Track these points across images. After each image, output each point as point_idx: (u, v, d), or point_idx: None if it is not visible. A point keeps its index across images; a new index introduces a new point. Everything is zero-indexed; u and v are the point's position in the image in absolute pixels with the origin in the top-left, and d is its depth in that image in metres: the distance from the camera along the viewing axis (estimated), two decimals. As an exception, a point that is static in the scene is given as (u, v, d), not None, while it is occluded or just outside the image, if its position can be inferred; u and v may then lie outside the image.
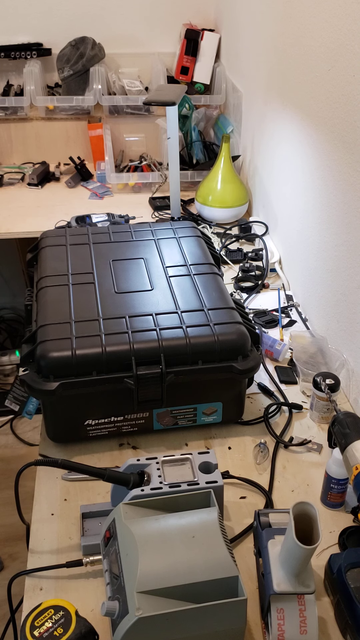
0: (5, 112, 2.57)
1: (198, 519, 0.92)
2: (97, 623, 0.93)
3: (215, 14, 2.68)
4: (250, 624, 0.97)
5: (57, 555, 1.08)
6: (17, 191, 2.48)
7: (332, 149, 1.44)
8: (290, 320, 1.68)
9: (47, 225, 2.15)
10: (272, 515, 1.02)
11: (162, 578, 0.84)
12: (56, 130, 2.64)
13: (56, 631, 0.86)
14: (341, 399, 1.42)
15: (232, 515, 1.15)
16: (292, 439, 1.31)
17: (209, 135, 2.69)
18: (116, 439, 1.31)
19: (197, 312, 1.30)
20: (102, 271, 1.42)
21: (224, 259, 1.95)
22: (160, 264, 1.47)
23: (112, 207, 2.31)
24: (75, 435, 1.26)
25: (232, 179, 2.15)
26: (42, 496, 1.19)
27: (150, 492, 1.00)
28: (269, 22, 1.89)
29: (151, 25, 2.68)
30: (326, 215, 1.51)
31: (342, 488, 1.13)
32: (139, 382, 1.20)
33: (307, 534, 0.86)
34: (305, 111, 1.61)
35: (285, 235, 1.88)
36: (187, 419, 1.30)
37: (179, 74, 2.63)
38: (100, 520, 1.11)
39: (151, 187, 2.45)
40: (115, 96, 2.58)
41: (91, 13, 2.61)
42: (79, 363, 1.18)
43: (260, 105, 2.06)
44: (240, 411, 1.33)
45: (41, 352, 1.20)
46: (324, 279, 1.55)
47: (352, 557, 0.97)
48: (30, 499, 1.19)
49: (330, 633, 0.97)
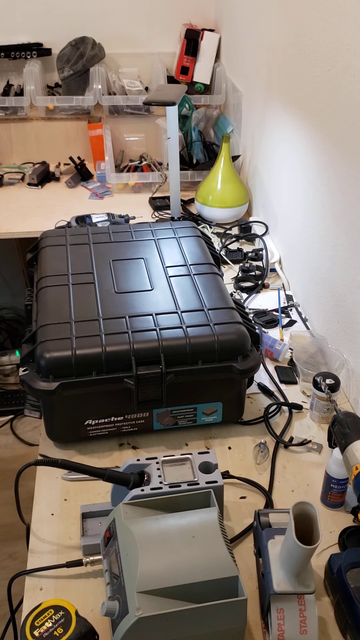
0: (5, 112, 2.57)
1: (198, 519, 0.92)
2: (97, 623, 0.93)
3: (215, 14, 2.68)
4: (250, 624, 0.97)
5: (57, 555, 1.08)
6: (17, 191, 2.48)
7: (332, 149, 1.44)
8: (290, 320, 1.68)
9: (47, 225, 2.15)
10: (272, 515, 1.02)
11: (162, 578, 0.84)
12: (56, 130, 2.64)
13: (56, 631, 0.86)
14: (341, 399, 1.42)
15: (232, 515, 1.15)
16: (292, 439, 1.31)
17: (209, 135, 2.69)
18: (116, 439, 1.31)
19: (197, 312, 1.30)
20: (102, 271, 1.42)
21: (224, 259, 1.95)
22: (160, 264, 1.47)
23: (112, 207, 2.31)
24: (75, 435, 1.26)
25: (232, 179, 2.15)
26: (42, 496, 1.19)
27: (150, 492, 1.00)
28: (269, 22, 1.89)
29: (151, 25, 2.68)
30: (326, 215, 1.51)
31: (342, 488, 1.13)
32: (139, 382, 1.20)
33: (307, 534, 0.86)
34: (305, 111, 1.61)
35: (285, 235, 1.88)
36: (187, 419, 1.30)
37: (179, 74, 2.63)
38: (100, 520, 1.11)
39: (151, 187, 2.45)
40: (115, 96, 2.58)
41: (91, 13, 2.62)
42: (79, 363, 1.18)
43: (260, 105, 2.06)
44: (240, 411, 1.33)
45: (41, 352, 1.20)
46: (324, 279, 1.55)
47: (352, 557, 0.97)
48: (30, 499, 1.19)
49: (330, 633, 0.97)
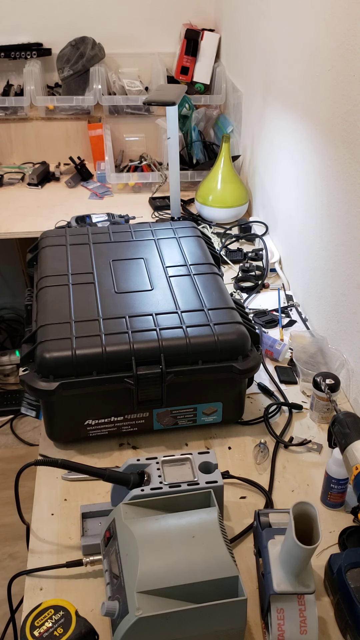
0: (5, 112, 2.57)
1: (198, 519, 0.92)
2: (97, 623, 0.93)
3: (215, 14, 2.68)
4: (250, 624, 0.97)
5: (57, 555, 1.08)
6: (17, 191, 2.48)
7: (332, 149, 1.44)
8: (290, 320, 1.68)
9: (47, 225, 2.15)
10: (272, 515, 1.02)
11: (162, 578, 0.84)
12: (56, 130, 2.64)
13: (56, 631, 0.86)
14: (341, 399, 1.42)
15: (232, 515, 1.15)
16: (292, 439, 1.31)
17: (209, 135, 2.69)
18: (116, 439, 1.31)
19: (197, 312, 1.30)
20: (102, 271, 1.42)
21: (224, 259, 1.95)
22: (160, 264, 1.47)
23: (112, 207, 2.31)
24: (75, 435, 1.26)
25: (232, 179, 2.15)
26: (42, 496, 1.19)
27: (150, 492, 1.00)
28: (269, 22, 1.89)
29: (151, 25, 2.68)
30: (326, 215, 1.51)
31: (342, 488, 1.13)
32: (139, 382, 1.20)
33: (307, 534, 0.86)
34: (305, 111, 1.61)
35: (285, 235, 1.88)
36: (187, 419, 1.30)
37: (179, 74, 2.63)
38: (100, 520, 1.11)
39: (151, 187, 2.45)
40: (115, 96, 2.58)
41: (91, 13, 2.62)
42: (79, 363, 1.18)
43: (260, 105, 2.06)
44: (240, 411, 1.33)
45: (41, 352, 1.20)
46: (324, 279, 1.55)
47: (352, 557, 0.97)
48: (30, 499, 1.19)
49: (330, 633, 0.97)
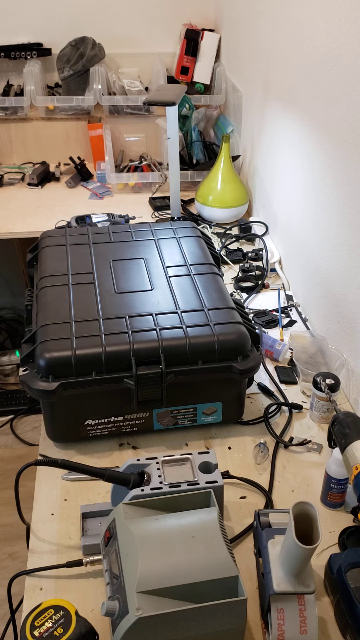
0: (5, 112, 2.57)
1: (198, 519, 0.92)
2: (97, 623, 0.93)
3: (215, 14, 2.68)
4: (250, 624, 0.97)
5: (57, 555, 1.08)
6: (17, 191, 2.48)
7: (332, 149, 1.44)
8: (290, 320, 1.68)
9: (47, 225, 2.15)
10: (272, 515, 1.02)
11: (162, 578, 0.84)
12: (56, 130, 2.64)
13: (56, 631, 0.86)
14: (341, 399, 1.42)
15: (232, 515, 1.15)
16: (292, 439, 1.31)
17: (209, 135, 2.69)
18: (116, 439, 1.31)
19: (197, 312, 1.30)
20: (102, 271, 1.42)
21: (224, 259, 1.95)
22: (160, 264, 1.47)
23: (112, 207, 2.31)
24: (75, 435, 1.26)
25: (232, 179, 2.15)
26: (42, 496, 1.19)
27: (150, 492, 1.00)
28: (269, 22, 1.89)
29: (151, 25, 2.68)
30: (326, 215, 1.51)
31: (342, 488, 1.13)
32: (139, 382, 1.20)
33: (307, 534, 0.86)
34: (305, 111, 1.61)
35: (285, 235, 1.88)
36: (187, 419, 1.30)
37: (179, 74, 2.63)
38: (100, 520, 1.11)
39: (151, 187, 2.45)
40: (115, 96, 2.58)
41: (91, 13, 2.62)
42: (79, 363, 1.18)
43: (260, 105, 2.06)
44: (240, 411, 1.33)
45: (41, 352, 1.20)
46: (324, 279, 1.55)
47: (352, 557, 0.97)
48: (30, 499, 1.19)
49: (330, 633, 0.97)
